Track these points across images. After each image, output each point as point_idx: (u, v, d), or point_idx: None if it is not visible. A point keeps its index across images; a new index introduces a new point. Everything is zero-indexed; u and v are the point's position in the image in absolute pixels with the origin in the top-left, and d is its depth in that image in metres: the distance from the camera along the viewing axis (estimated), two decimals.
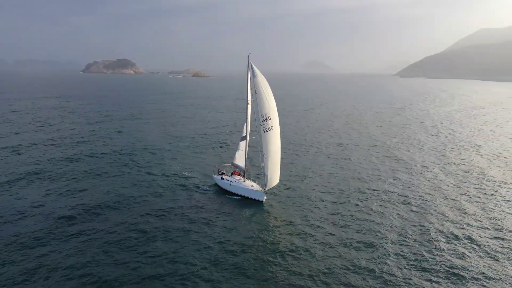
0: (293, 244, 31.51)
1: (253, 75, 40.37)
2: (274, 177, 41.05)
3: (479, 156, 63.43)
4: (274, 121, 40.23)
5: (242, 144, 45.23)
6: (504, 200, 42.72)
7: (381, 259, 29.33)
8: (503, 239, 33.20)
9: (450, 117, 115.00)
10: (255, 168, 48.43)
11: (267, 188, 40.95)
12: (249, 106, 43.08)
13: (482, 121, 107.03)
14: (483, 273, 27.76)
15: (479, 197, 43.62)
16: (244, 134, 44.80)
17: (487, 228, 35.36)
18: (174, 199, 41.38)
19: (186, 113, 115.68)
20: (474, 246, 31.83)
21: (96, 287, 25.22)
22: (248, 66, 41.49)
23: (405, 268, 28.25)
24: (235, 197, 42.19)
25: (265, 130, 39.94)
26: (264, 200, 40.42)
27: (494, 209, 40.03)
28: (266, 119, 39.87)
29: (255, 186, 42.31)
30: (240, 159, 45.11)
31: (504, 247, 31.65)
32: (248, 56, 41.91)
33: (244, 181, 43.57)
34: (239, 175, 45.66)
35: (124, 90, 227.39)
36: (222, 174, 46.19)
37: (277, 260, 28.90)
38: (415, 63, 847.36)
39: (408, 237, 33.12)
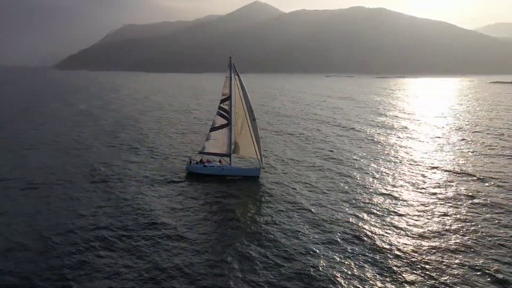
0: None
1: (237, 74, 49.31)
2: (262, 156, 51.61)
3: None
4: (255, 112, 50.85)
5: (214, 134, 51.68)
6: None
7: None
8: None
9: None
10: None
11: (262, 165, 50.92)
12: (230, 100, 50.88)
13: None
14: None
15: None
16: (218, 125, 51.68)
17: None
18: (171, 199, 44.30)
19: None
20: None
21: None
22: (230, 66, 49.70)
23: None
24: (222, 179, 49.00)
25: (253, 119, 49.96)
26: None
27: None
28: (252, 110, 49.93)
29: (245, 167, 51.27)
30: (219, 147, 51.48)
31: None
32: (230, 58, 50.00)
33: (230, 165, 51.15)
34: (208, 161, 52.00)
35: None
36: (197, 163, 51.05)
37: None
38: (73, 55, 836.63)
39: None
